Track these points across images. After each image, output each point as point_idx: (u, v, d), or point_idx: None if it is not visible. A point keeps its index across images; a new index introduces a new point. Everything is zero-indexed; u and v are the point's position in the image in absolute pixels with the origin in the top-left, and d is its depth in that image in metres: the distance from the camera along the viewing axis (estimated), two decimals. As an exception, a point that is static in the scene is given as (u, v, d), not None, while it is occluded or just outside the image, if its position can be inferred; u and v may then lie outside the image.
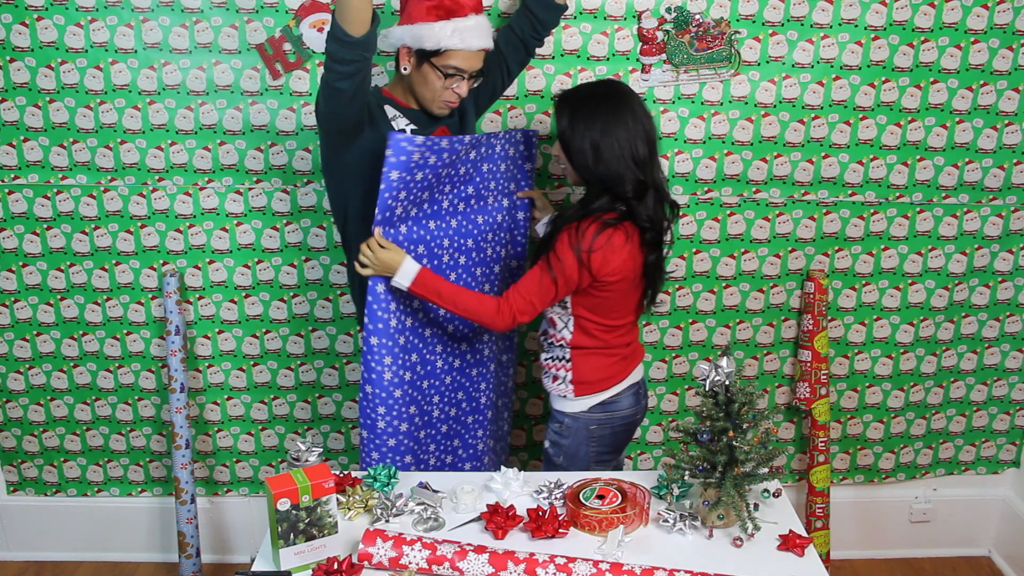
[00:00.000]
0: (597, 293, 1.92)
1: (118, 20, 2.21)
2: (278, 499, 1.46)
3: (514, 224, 2.21)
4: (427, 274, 1.91)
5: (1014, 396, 2.68)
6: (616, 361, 2.02)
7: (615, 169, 1.85)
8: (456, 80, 1.92)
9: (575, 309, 1.96)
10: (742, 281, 2.50)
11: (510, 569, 1.47)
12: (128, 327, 2.50)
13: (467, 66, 1.91)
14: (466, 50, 1.88)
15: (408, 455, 2.10)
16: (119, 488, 2.68)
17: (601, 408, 2.03)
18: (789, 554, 1.57)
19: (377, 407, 2.06)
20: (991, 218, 2.47)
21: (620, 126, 1.85)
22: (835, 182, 2.41)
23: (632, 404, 2.06)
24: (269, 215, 2.40)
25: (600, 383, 2.01)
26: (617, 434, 2.07)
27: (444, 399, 2.17)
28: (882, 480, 2.75)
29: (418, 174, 1.90)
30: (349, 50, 1.77)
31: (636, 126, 1.86)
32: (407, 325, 2.03)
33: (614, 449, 2.10)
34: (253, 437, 2.63)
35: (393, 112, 1.98)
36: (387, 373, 2.04)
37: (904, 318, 2.55)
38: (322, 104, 1.87)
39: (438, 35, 1.85)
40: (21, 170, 2.34)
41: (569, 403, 2.03)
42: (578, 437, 2.04)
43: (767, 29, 2.26)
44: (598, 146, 1.85)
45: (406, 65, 1.94)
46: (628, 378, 2.05)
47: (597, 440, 2.05)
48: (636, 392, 2.08)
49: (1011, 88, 2.34)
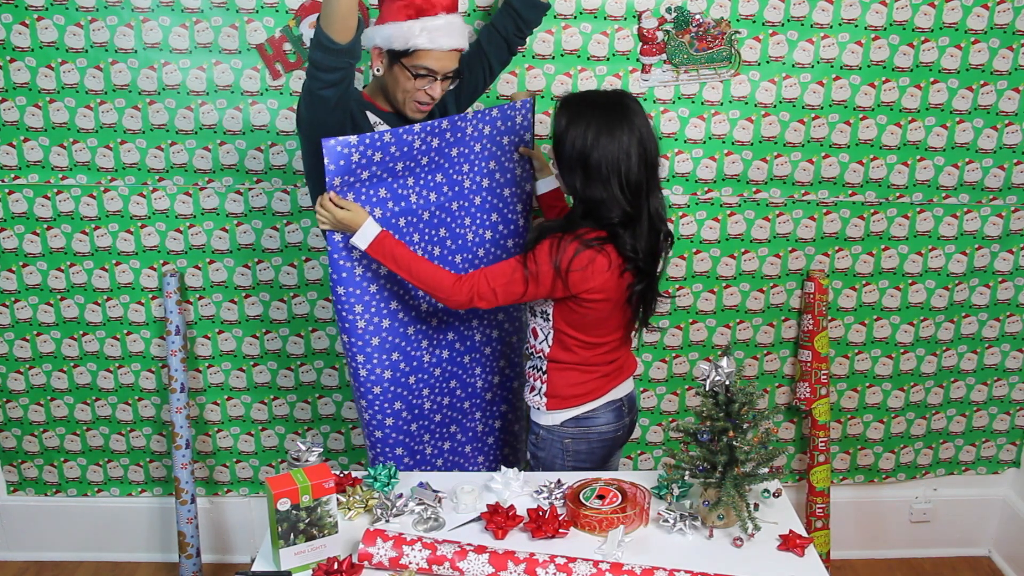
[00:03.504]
0: (577, 308, 1.85)
1: (118, 20, 2.21)
2: (278, 499, 1.46)
3: (501, 202, 2.14)
4: (387, 238, 1.84)
5: (1014, 396, 2.68)
6: (595, 379, 1.95)
7: (599, 195, 1.78)
8: (428, 81, 1.87)
9: (556, 323, 1.90)
10: (742, 281, 2.50)
11: (510, 569, 1.47)
12: (128, 327, 2.50)
13: (438, 67, 1.85)
14: (436, 50, 1.83)
15: (399, 447, 2.10)
16: (119, 488, 2.68)
17: (575, 423, 1.96)
18: (789, 554, 1.57)
19: (359, 400, 2.07)
20: (991, 218, 2.47)
21: (613, 141, 1.76)
22: (835, 182, 2.41)
23: (612, 421, 1.98)
24: (269, 215, 2.40)
25: (574, 399, 1.94)
26: (594, 450, 1.99)
27: (435, 390, 2.14)
28: (882, 480, 2.75)
29: (363, 173, 1.86)
30: (334, 58, 1.74)
31: (632, 144, 1.77)
32: (383, 326, 2.01)
33: (592, 464, 2.01)
34: (253, 437, 2.63)
35: (375, 118, 1.95)
36: (362, 371, 2.03)
37: (904, 318, 2.55)
38: (304, 112, 1.84)
39: (407, 34, 1.81)
40: (21, 170, 2.34)
41: (543, 416, 1.98)
42: (552, 450, 1.99)
43: (767, 29, 2.26)
44: (587, 162, 1.77)
45: (378, 66, 1.91)
46: (607, 395, 1.97)
47: (572, 454, 1.98)
48: (618, 409, 1.99)
49: (1011, 88, 2.34)
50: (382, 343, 2.02)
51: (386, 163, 1.89)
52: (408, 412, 2.09)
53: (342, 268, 1.94)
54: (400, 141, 1.88)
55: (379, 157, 1.87)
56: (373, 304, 1.98)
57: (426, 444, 2.17)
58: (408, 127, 1.89)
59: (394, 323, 2.02)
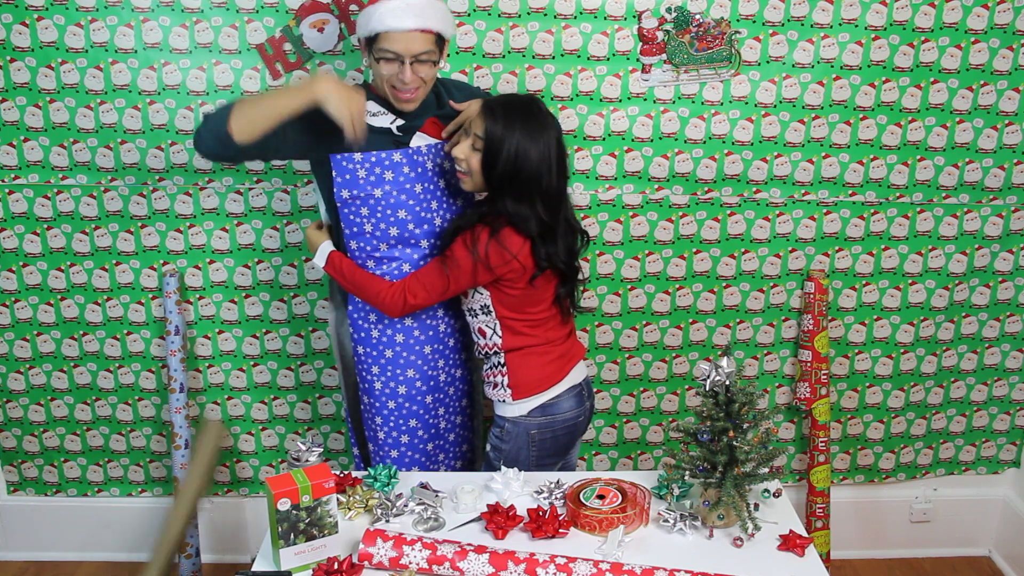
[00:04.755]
0: (508, 290, 1.91)
1: (118, 20, 2.21)
2: (278, 499, 1.46)
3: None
4: (336, 256, 1.98)
5: (1014, 396, 2.68)
6: (552, 360, 1.99)
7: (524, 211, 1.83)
8: (396, 65, 1.82)
9: (498, 312, 1.95)
10: (742, 281, 2.50)
11: (510, 569, 1.47)
12: (128, 327, 2.50)
13: (401, 48, 1.80)
14: (394, 31, 1.78)
15: (415, 467, 2.11)
16: (119, 488, 2.68)
17: (541, 412, 1.99)
18: (789, 554, 1.57)
19: (374, 417, 2.08)
20: (991, 218, 2.47)
21: (539, 153, 1.81)
22: (835, 182, 2.41)
23: (574, 407, 2.02)
24: (269, 215, 2.40)
25: (537, 384, 1.98)
26: (558, 438, 2.03)
27: (449, 409, 2.16)
28: (882, 480, 2.75)
29: (375, 191, 1.89)
30: (221, 147, 1.79)
31: (552, 154, 1.83)
32: (396, 340, 2.03)
33: (555, 453, 2.05)
34: (253, 437, 2.63)
35: (376, 108, 1.93)
36: (377, 383, 2.05)
37: (904, 318, 2.55)
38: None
39: (369, 19, 1.81)
40: (21, 170, 2.34)
41: (509, 407, 2.00)
42: (518, 442, 2.00)
43: (767, 29, 2.26)
44: (518, 175, 1.81)
45: (365, 59, 1.91)
46: (567, 378, 2.01)
47: (537, 445, 2.01)
48: (579, 394, 2.03)
49: (1011, 88, 2.34)
50: (395, 356, 2.05)
51: (401, 183, 1.90)
52: (424, 431, 2.11)
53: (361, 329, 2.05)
54: (412, 162, 1.89)
55: (391, 176, 1.89)
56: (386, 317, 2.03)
57: (440, 464, 2.19)
58: (417, 148, 1.90)
59: (407, 339, 2.05)
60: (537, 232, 1.85)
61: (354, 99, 1.80)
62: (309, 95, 1.77)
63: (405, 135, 1.93)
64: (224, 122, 1.75)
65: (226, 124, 1.75)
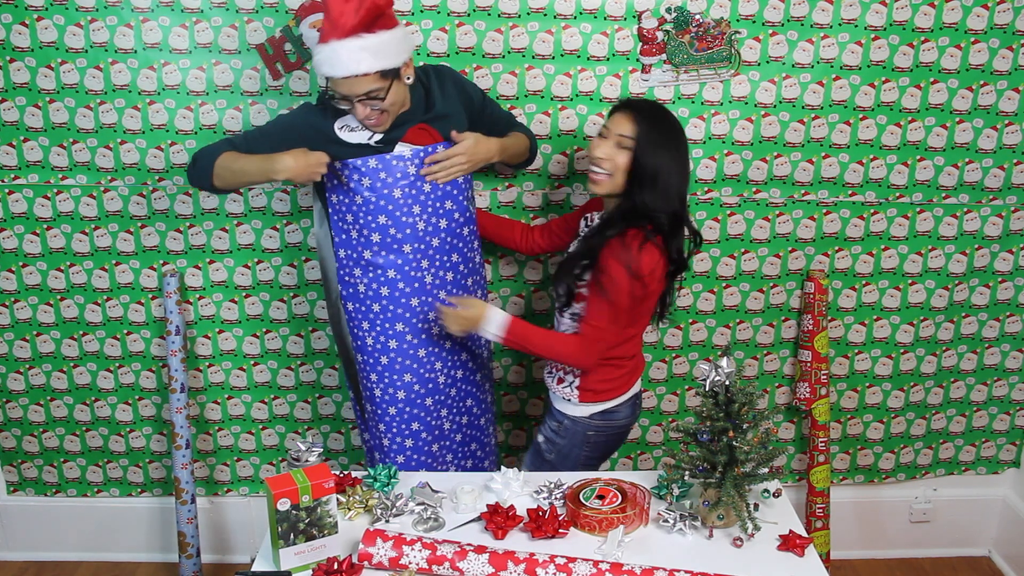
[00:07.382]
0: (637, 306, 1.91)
1: (118, 20, 2.21)
2: (278, 499, 1.46)
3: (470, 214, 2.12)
4: (517, 324, 1.92)
5: (1014, 396, 2.68)
6: (624, 374, 2.03)
7: (663, 207, 1.84)
8: (347, 103, 1.85)
9: None
10: (742, 281, 2.50)
11: (510, 569, 1.47)
12: (128, 327, 2.50)
13: (344, 91, 1.82)
14: (334, 77, 1.80)
15: (422, 469, 2.11)
16: (119, 488, 2.68)
17: (602, 416, 2.04)
18: (789, 554, 1.57)
19: (377, 424, 2.09)
20: (991, 218, 2.47)
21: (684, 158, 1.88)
22: (835, 182, 2.41)
23: (629, 415, 2.09)
24: (269, 215, 2.40)
25: (605, 393, 2.02)
26: (610, 441, 2.10)
27: (453, 410, 2.17)
28: (882, 480, 2.75)
29: (356, 197, 1.93)
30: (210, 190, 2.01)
31: (686, 145, 1.90)
32: (390, 347, 2.04)
33: (604, 455, 2.13)
34: (253, 437, 2.63)
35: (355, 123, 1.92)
36: (376, 390, 2.06)
37: (904, 318, 2.55)
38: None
39: (316, 60, 1.83)
40: (21, 170, 2.34)
41: (572, 407, 2.04)
42: (574, 440, 2.05)
43: (767, 29, 2.26)
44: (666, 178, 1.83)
45: None
46: (631, 390, 2.06)
47: (592, 445, 2.06)
48: (634, 403, 2.10)
49: (1011, 88, 2.34)
50: (391, 362, 2.05)
51: (379, 189, 1.92)
52: (427, 433, 2.12)
53: (348, 284, 2.02)
54: (390, 168, 1.91)
55: (368, 183, 1.91)
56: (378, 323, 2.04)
57: (449, 464, 2.19)
58: (399, 154, 1.91)
59: (400, 344, 2.05)
60: (667, 223, 1.85)
61: (311, 164, 1.88)
62: (271, 174, 1.90)
63: (386, 146, 1.93)
64: (208, 178, 1.96)
65: (209, 179, 1.96)
